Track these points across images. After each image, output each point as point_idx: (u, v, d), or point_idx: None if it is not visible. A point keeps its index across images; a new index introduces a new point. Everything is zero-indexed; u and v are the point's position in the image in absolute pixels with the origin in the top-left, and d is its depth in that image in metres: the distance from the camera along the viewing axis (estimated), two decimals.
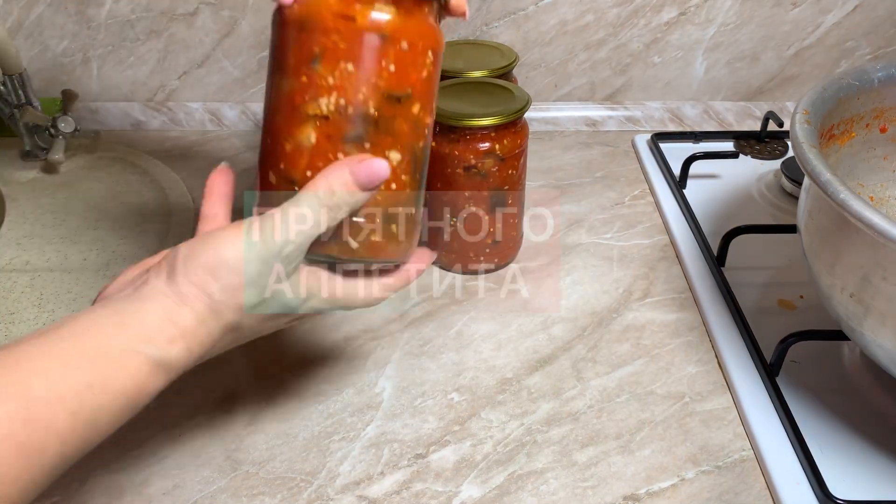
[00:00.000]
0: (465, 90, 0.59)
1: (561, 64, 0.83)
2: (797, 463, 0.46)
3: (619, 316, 0.58)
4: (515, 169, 0.58)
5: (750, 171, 0.75)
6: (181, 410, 0.50)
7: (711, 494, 0.45)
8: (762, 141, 0.79)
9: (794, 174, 0.71)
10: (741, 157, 0.76)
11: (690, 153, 0.72)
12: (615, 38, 0.81)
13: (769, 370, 0.51)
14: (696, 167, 0.72)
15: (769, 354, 0.52)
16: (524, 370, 0.53)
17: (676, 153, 0.75)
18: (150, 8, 0.78)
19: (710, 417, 0.50)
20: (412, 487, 0.45)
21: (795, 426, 0.47)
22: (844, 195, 0.41)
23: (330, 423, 0.49)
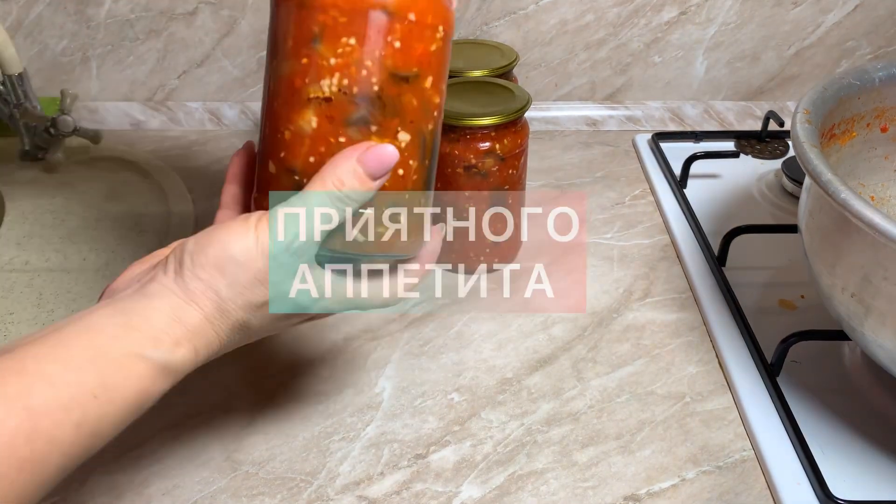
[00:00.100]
0: (465, 89, 0.59)
1: (561, 63, 0.83)
2: (798, 463, 0.46)
3: (619, 316, 0.58)
4: (516, 169, 0.58)
5: (751, 170, 0.75)
6: (181, 410, 0.50)
7: (712, 495, 0.45)
8: (763, 140, 0.79)
9: (794, 174, 0.71)
10: (742, 156, 0.76)
11: (691, 153, 0.72)
12: (615, 37, 0.81)
13: (770, 370, 0.51)
14: (696, 167, 0.72)
15: (770, 354, 0.52)
16: (524, 370, 0.53)
17: (677, 153, 0.75)
18: (149, 7, 0.78)
19: (710, 417, 0.50)
20: (412, 488, 0.45)
21: (796, 426, 0.47)
22: (845, 195, 0.41)
23: (330, 423, 0.49)
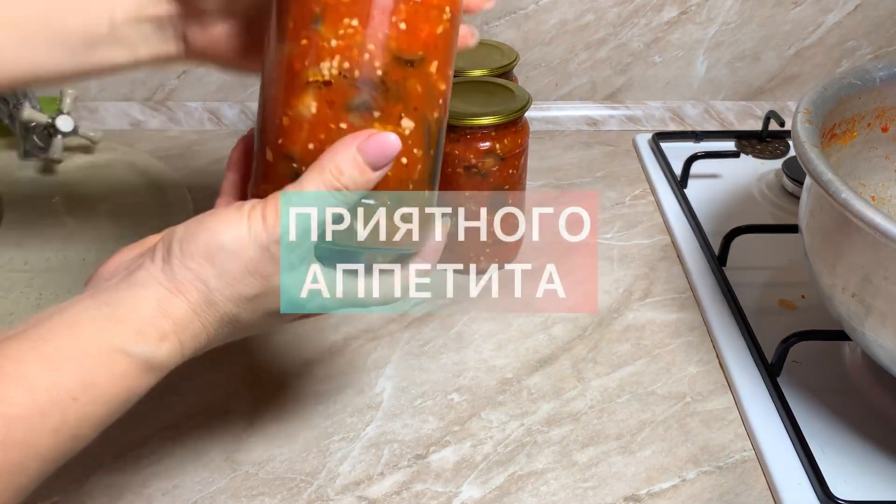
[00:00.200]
0: (465, 89, 0.59)
1: (561, 63, 0.83)
2: (798, 463, 0.46)
3: (619, 316, 0.58)
4: (516, 168, 0.58)
5: (751, 170, 0.75)
6: (181, 410, 0.50)
7: (712, 495, 0.45)
8: (763, 140, 0.79)
9: (795, 174, 0.70)
10: (742, 156, 0.76)
11: (691, 153, 0.72)
12: (616, 37, 0.81)
13: (770, 370, 0.51)
14: (697, 167, 0.71)
15: (770, 354, 0.51)
16: (524, 370, 0.53)
17: (677, 153, 0.75)
18: None
19: (710, 418, 0.50)
20: (412, 488, 0.45)
21: (797, 426, 0.47)
22: (846, 195, 0.41)
23: (330, 423, 0.49)
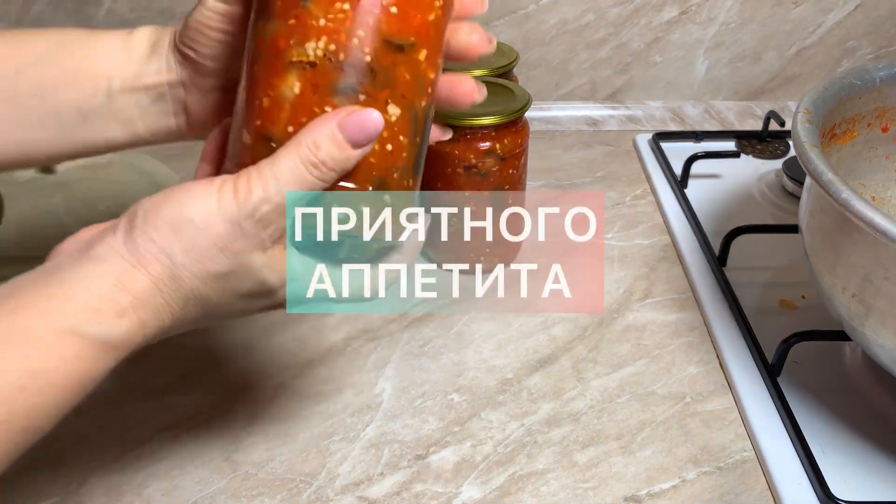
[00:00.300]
0: None
1: (562, 63, 0.83)
2: (798, 463, 0.46)
3: (619, 316, 0.58)
4: (516, 168, 0.58)
5: (751, 170, 0.75)
6: (180, 411, 0.50)
7: (712, 495, 0.45)
8: (764, 140, 0.79)
9: (795, 174, 0.70)
10: (742, 156, 0.76)
11: (692, 153, 0.72)
12: (616, 37, 0.81)
13: (770, 370, 0.51)
14: (697, 167, 0.71)
15: (770, 355, 0.51)
16: (524, 370, 0.53)
17: (678, 153, 0.75)
18: (149, 7, 0.78)
19: (711, 418, 0.50)
20: (412, 488, 0.45)
21: (797, 427, 0.47)
22: (846, 195, 0.41)
23: (329, 423, 0.49)
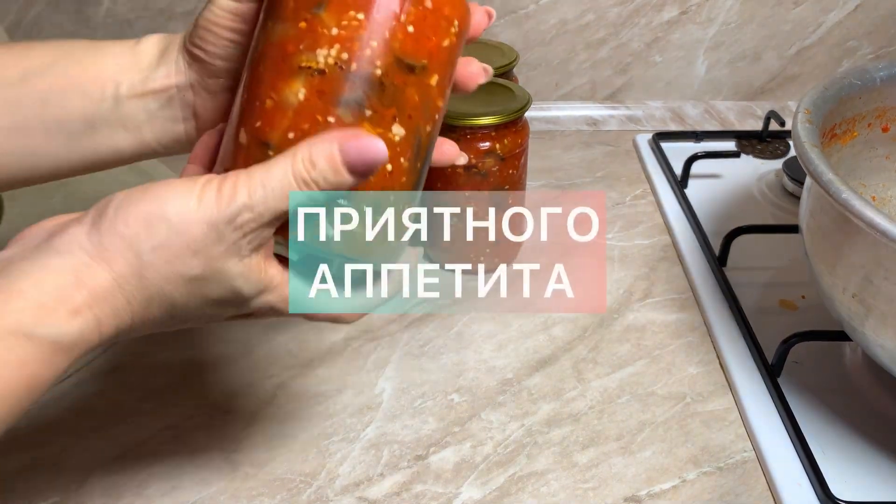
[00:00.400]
0: None
1: (562, 63, 0.83)
2: (799, 464, 0.46)
3: (619, 316, 0.58)
4: (516, 168, 0.58)
5: (751, 170, 0.75)
6: (180, 411, 0.50)
7: (713, 496, 0.45)
8: (764, 140, 0.79)
9: (795, 174, 0.70)
10: (743, 156, 0.76)
11: (692, 153, 0.72)
12: (616, 37, 0.81)
13: (771, 371, 0.51)
14: (697, 167, 0.71)
15: (771, 355, 0.51)
16: (525, 371, 0.53)
17: (678, 153, 0.75)
18: (148, 7, 0.78)
19: (711, 418, 0.50)
20: (412, 489, 0.45)
21: (797, 427, 0.47)
22: (846, 195, 0.41)
23: (329, 424, 0.49)
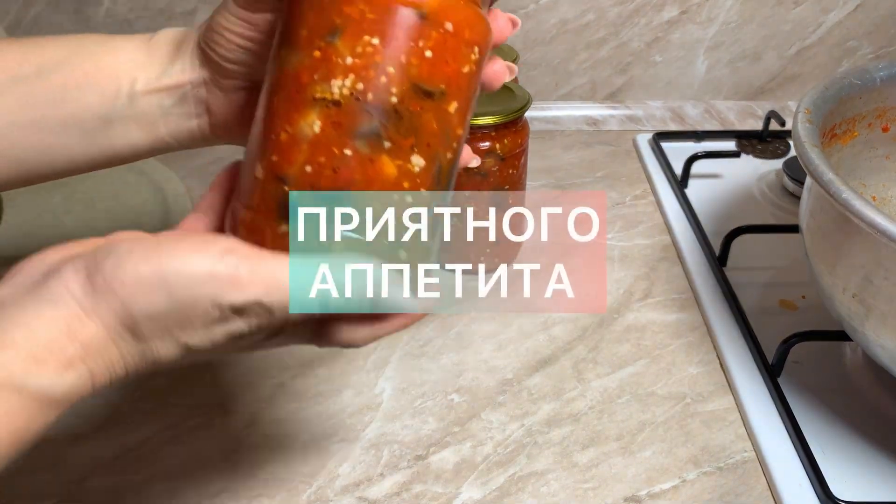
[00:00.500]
0: None
1: (562, 63, 0.83)
2: (799, 464, 0.46)
3: (619, 316, 0.58)
4: (516, 168, 0.58)
5: (752, 170, 0.75)
6: (180, 411, 0.50)
7: (713, 496, 0.45)
8: (764, 140, 0.79)
9: (795, 174, 0.70)
10: (743, 156, 0.76)
11: (692, 153, 0.72)
12: (616, 37, 0.81)
13: (771, 371, 0.51)
14: (697, 167, 0.71)
15: (771, 355, 0.51)
16: (525, 371, 0.53)
17: (678, 153, 0.75)
18: (148, 7, 0.78)
19: (711, 418, 0.50)
20: (412, 489, 0.45)
21: (797, 427, 0.47)
22: (847, 195, 0.41)
23: (329, 424, 0.49)
